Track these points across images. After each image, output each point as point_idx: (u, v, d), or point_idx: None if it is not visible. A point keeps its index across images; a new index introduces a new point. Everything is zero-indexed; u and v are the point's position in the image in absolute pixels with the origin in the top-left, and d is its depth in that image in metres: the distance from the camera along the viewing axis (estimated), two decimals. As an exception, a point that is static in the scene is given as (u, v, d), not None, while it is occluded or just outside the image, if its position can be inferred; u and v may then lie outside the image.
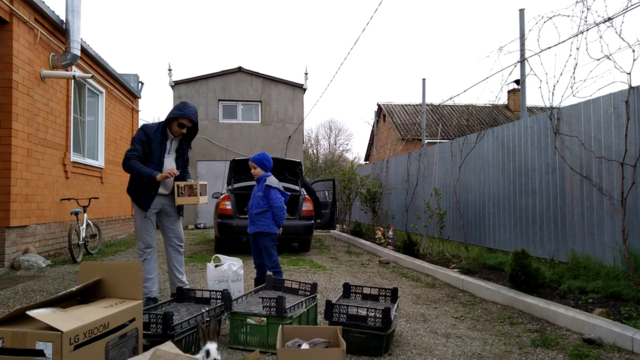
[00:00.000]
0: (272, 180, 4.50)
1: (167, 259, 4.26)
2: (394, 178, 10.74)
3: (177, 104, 4.05)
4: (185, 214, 16.17)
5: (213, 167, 15.92)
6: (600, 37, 4.33)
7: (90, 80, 8.75)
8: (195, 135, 4.20)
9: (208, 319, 3.09)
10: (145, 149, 3.92)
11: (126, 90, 11.22)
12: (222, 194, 8.36)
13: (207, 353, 1.98)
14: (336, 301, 3.19)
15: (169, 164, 4.06)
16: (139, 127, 3.95)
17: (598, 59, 4.39)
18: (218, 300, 3.36)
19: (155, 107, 55.84)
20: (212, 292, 3.47)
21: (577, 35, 4.68)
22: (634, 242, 4.24)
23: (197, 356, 2.01)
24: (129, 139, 11.53)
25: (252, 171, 4.58)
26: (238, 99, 16.47)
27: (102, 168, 9.58)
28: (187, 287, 3.98)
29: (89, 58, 8.69)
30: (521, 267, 4.37)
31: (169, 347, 2.22)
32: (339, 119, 62.23)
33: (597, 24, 4.45)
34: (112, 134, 10.22)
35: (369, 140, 25.93)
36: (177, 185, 3.98)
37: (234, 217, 7.78)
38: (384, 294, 3.60)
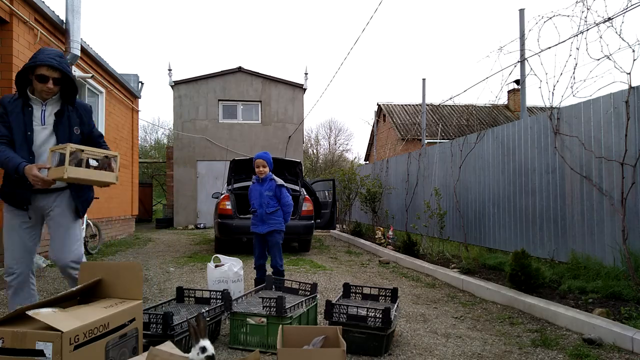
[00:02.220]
0: (279, 180, 4.54)
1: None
2: (394, 178, 10.73)
3: None
4: (185, 214, 16.39)
5: (213, 167, 15.92)
6: (600, 37, 4.33)
7: (90, 80, 8.75)
8: (75, 92, 2.93)
9: (208, 318, 3.09)
10: (7, 123, 2.77)
11: (126, 90, 11.22)
12: (222, 194, 8.36)
13: (203, 349, 2.00)
14: (336, 301, 3.19)
15: (45, 139, 2.82)
16: None
17: (598, 59, 4.39)
18: (218, 301, 3.36)
19: (155, 107, 55.84)
20: (212, 292, 3.47)
21: (577, 35, 4.68)
22: (634, 242, 4.24)
23: (191, 354, 2.01)
24: (129, 139, 11.54)
25: (260, 169, 4.48)
26: (238, 99, 16.46)
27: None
28: None
29: (89, 58, 8.68)
30: (521, 267, 4.37)
31: (168, 347, 2.22)
32: (339, 119, 62.30)
33: (597, 24, 4.45)
34: (112, 134, 10.22)
35: (369, 140, 25.93)
36: (51, 151, 2.73)
37: (234, 217, 7.78)
38: (384, 294, 3.60)
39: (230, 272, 4.18)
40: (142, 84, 12.26)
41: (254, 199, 4.53)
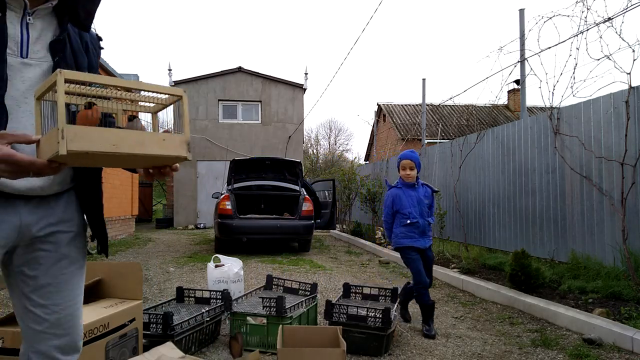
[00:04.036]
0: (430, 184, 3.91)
1: None
2: (394, 178, 10.73)
3: None
4: (185, 214, 16.44)
5: (213, 167, 15.91)
6: (600, 37, 4.33)
7: (90, 80, 8.74)
8: (95, 6, 1.33)
9: (208, 318, 3.09)
10: None
11: (126, 90, 11.21)
12: (222, 194, 8.36)
13: None
14: (336, 301, 3.19)
15: (32, 84, 1.22)
16: None
17: (598, 59, 4.39)
18: (218, 301, 3.36)
19: (155, 107, 55.66)
20: (212, 292, 3.47)
21: (577, 35, 4.68)
22: (634, 242, 4.24)
23: None
24: (129, 139, 11.52)
25: (407, 172, 3.68)
26: (238, 99, 16.46)
27: (101, 168, 9.58)
28: None
29: (89, 58, 8.68)
30: (521, 267, 4.37)
31: (169, 347, 2.22)
32: (339, 119, 62.36)
33: (597, 24, 4.45)
34: (112, 134, 10.21)
35: (369, 140, 25.92)
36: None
37: (234, 217, 7.78)
38: (384, 294, 3.60)
39: (230, 272, 4.18)
40: (142, 84, 12.24)
41: (409, 207, 3.66)
